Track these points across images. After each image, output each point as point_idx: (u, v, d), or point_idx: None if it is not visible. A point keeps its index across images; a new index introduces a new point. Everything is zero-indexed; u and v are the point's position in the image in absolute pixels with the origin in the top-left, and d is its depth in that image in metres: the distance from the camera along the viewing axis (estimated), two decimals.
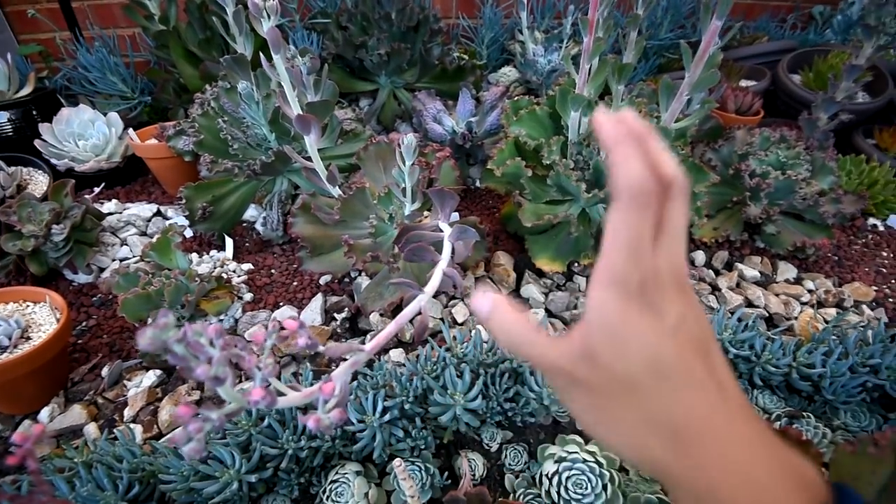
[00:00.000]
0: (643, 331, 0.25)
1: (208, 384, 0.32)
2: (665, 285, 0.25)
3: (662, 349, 0.25)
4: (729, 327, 0.85)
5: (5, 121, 1.31)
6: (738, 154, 1.16)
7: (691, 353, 0.25)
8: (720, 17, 0.73)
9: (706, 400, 0.25)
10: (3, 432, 0.81)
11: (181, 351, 0.30)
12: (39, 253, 0.97)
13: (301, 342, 0.39)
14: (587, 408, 0.28)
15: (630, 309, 0.25)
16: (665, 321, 0.25)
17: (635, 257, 0.24)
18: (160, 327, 0.29)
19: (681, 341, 0.25)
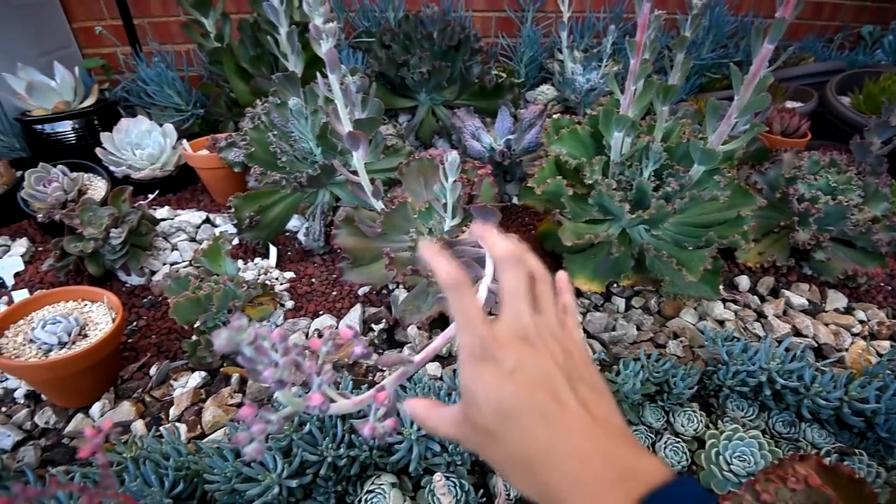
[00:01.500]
0: (486, 380, 0.30)
1: (273, 387, 0.34)
2: (502, 341, 0.31)
3: (503, 391, 0.30)
4: (776, 357, 0.82)
5: (69, 129, 1.40)
6: (786, 177, 1.13)
7: (534, 390, 0.30)
8: (772, 41, 0.73)
9: (552, 429, 0.29)
10: (58, 425, 0.85)
11: (251, 353, 0.32)
12: (97, 255, 1.03)
13: (357, 351, 0.40)
14: (487, 459, 0.33)
15: (476, 367, 0.31)
16: (503, 366, 0.30)
17: (469, 329, 0.31)
18: (235, 329, 0.31)
19: (519, 381, 0.30)
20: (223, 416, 0.81)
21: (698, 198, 0.84)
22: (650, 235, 0.94)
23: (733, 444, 0.75)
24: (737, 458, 0.74)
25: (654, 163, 0.88)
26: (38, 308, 0.89)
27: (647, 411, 0.81)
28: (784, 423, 0.83)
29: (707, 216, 0.94)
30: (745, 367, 0.82)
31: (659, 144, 0.87)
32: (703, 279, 0.88)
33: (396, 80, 1.53)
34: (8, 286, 1.08)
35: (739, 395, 0.85)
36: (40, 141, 1.39)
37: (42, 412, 0.85)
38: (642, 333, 0.95)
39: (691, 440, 0.80)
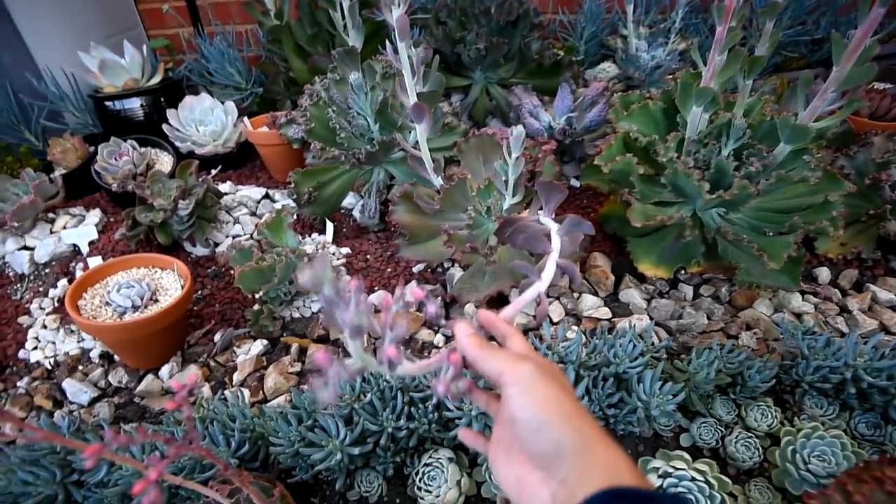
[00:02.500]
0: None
1: (349, 335, 0.33)
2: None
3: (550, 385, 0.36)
4: (864, 353, 0.76)
5: (138, 106, 1.46)
6: (877, 162, 1.03)
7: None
8: (885, 4, 0.65)
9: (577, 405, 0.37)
10: (129, 384, 0.90)
11: (331, 294, 0.31)
12: (166, 225, 1.07)
13: (431, 310, 0.39)
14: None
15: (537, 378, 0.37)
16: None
17: (514, 362, 0.37)
18: (321, 266, 0.30)
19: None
20: (284, 383, 0.83)
21: (785, 178, 0.77)
22: (726, 219, 0.88)
23: (812, 443, 0.70)
24: (815, 457, 0.69)
25: (735, 140, 0.82)
26: (112, 273, 0.93)
27: (717, 403, 0.77)
28: (868, 425, 0.76)
29: (790, 201, 0.87)
30: (827, 363, 0.76)
31: (742, 120, 0.81)
32: (783, 268, 0.82)
33: (451, 57, 1.50)
34: (83, 253, 1.14)
35: (819, 393, 0.79)
36: (111, 117, 1.45)
37: (115, 372, 0.90)
38: (712, 323, 0.90)
39: (764, 436, 0.75)
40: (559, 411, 0.34)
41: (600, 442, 0.34)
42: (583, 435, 0.34)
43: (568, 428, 0.34)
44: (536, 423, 0.34)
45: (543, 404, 0.35)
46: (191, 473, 0.66)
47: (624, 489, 0.31)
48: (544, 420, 0.34)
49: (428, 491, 0.67)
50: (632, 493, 0.31)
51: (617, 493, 0.31)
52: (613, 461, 0.33)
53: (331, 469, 0.67)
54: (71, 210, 1.27)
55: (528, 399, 0.35)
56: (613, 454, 0.34)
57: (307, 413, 0.70)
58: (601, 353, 0.74)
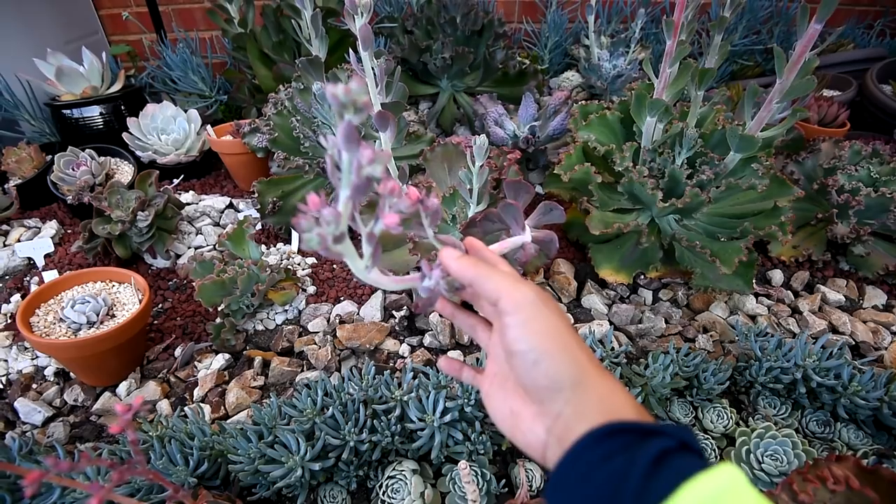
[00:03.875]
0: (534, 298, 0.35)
1: (350, 191, 0.27)
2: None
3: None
4: (813, 354, 0.79)
5: (97, 114, 1.42)
6: (824, 168, 1.08)
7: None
8: (821, 21, 0.69)
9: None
10: (86, 402, 0.87)
11: (355, 120, 0.25)
12: (124, 237, 1.04)
13: (433, 202, 0.35)
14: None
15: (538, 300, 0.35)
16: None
17: (514, 280, 0.35)
18: (359, 85, 0.25)
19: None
20: (246, 398, 0.81)
21: (735, 186, 0.80)
22: (681, 226, 0.91)
23: (765, 443, 0.72)
24: (769, 456, 0.71)
25: (687, 150, 0.85)
26: (67, 288, 0.90)
27: (675, 406, 0.79)
28: (818, 423, 0.80)
29: (741, 206, 0.90)
30: (779, 364, 0.79)
31: (693, 130, 0.84)
32: (736, 272, 0.85)
33: (418, 66, 1.51)
34: (38, 266, 1.10)
35: (772, 393, 0.82)
36: (69, 126, 1.41)
37: (71, 390, 0.87)
38: (670, 327, 0.92)
39: (720, 437, 0.78)
40: (559, 343, 0.32)
41: (598, 375, 0.32)
42: (581, 368, 0.32)
43: (567, 360, 0.32)
44: (535, 356, 0.32)
45: (543, 336, 0.32)
46: (148, 494, 0.64)
47: (624, 423, 0.29)
48: (543, 352, 0.32)
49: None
50: (632, 427, 0.29)
51: (617, 428, 0.29)
52: (611, 394, 0.32)
53: (292, 486, 0.66)
54: (26, 222, 1.23)
55: (528, 330, 0.32)
56: (611, 386, 0.32)
57: (268, 429, 0.69)
58: None
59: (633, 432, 0.29)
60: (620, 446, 0.28)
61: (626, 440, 0.28)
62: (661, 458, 0.27)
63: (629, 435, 0.29)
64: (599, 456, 0.28)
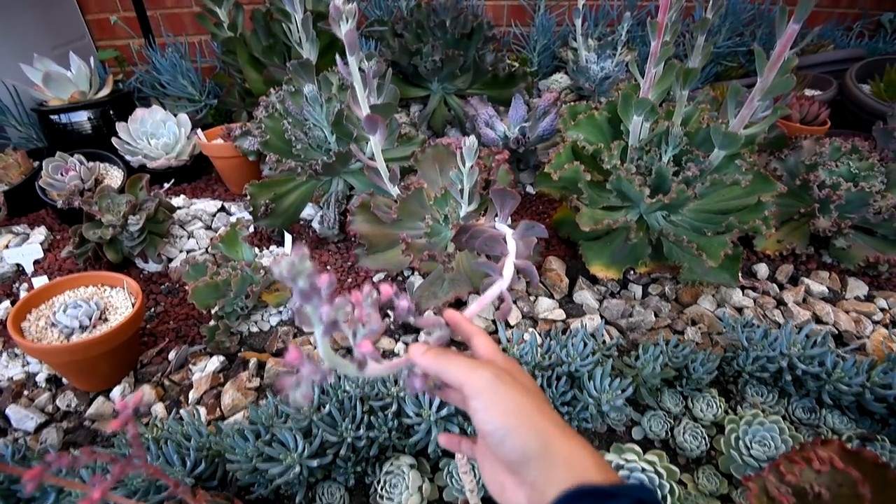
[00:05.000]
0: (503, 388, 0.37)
1: (322, 331, 0.31)
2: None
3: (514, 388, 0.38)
4: (797, 343, 0.81)
5: (85, 119, 1.41)
6: (806, 164, 1.11)
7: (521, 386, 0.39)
8: (798, 21, 0.71)
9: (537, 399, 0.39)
10: (79, 408, 0.86)
11: (306, 286, 0.29)
12: (116, 241, 1.04)
13: (403, 304, 0.39)
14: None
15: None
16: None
17: (472, 369, 0.38)
18: (299, 257, 0.29)
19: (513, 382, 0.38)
20: (242, 400, 0.81)
21: (720, 182, 0.82)
22: (668, 222, 0.93)
23: (753, 429, 0.74)
24: (757, 442, 0.73)
25: (673, 147, 0.87)
26: (59, 293, 0.90)
27: (665, 396, 0.80)
28: (804, 409, 0.82)
29: (726, 202, 0.93)
30: (765, 353, 0.81)
31: (679, 129, 0.86)
32: (722, 265, 0.87)
33: (409, 69, 1.53)
34: (28, 273, 1.09)
35: (759, 381, 0.84)
36: (56, 131, 1.40)
37: (63, 396, 0.86)
38: (660, 320, 0.94)
39: (710, 425, 0.79)
40: (521, 418, 0.35)
41: (562, 439, 0.35)
42: (544, 437, 0.34)
43: (530, 433, 0.34)
44: (501, 434, 0.35)
45: (505, 415, 0.35)
46: (145, 496, 0.64)
47: (585, 488, 0.32)
48: (508, 430, 0.35)
49: (390, 499, 0.67)
50: (593, 490, 0.32)
51: (579, 493, 0.32)
52: (574, 457, 0.34)
53: (290, 483, 0.66)
54: (14, 228, 1.21)
55: (491, 412, 0.35)
56: (574, 449, 0.35)
57: (265, 428, 0.69)
58: (555, 354, 0.76)
59: (594, 496, 0.32)
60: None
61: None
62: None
63: (590, 499, 0.32)
64: None
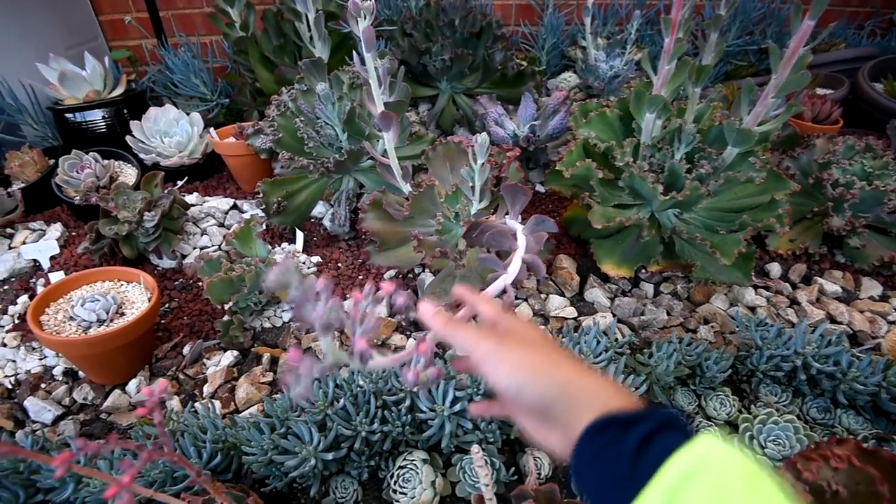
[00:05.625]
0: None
1: (319, 331, 0.34)
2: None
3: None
4: (812, 342, 0.81)
5: (100, 118, 1.43)
6: (819, 163, 1.10)
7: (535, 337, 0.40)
8: (813, 17, 0.71)
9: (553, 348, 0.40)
10: (95, 400, 0.87)
11: (298, 294, 0.32)
12: (131, 237, 1.05)
13: (400, 301, 0.41)
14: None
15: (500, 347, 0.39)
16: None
17: (478, 341, 0.38)
18: (285, 268, 0.31)
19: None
20: (256, 394, 0.82)
21: (733, 179, 0.82)
22: (681, 219, 0.93)
23: (768, 428, 0.74)
24: (772, 441, 0.73)
25: (686, 145, 0.87)
26: (76, 287, 0.91)
27: (678, 395, 0.80)
28: (819, 409, 0.81)
29: (739, 201, 0.92)
30: (779, 352, 0.81)
31: (692, 126, 0.86)
32: (735, 264, 0.86)
33: (418, 68, 1.53)
34: (44, 268, 1.11)
35: (773, 381, 0.83)
36: (71, 130, 1.42)
37: (80, 388, 0.88)
38: (672, 318, 0.94)
39: (724, 424, 0.79)
40: (529, 371, 0.36)
41: (579, 378, 0.36)
42: (559, 380, 0.35)
43: (544, 381, 0.35)
44: (515, 389, 0.36)
45: (513, 371, 0.36)
46: (162, 486, 0.65)
47: (607, 418, 0.33)
48: (520, 384, 0.36)
49: (403, 493, 0.68)
50: (615, 419, 0.32)
51: (604, 423, 0.33)
52: (594, 391, 0.35)
53: (305, 476, 0.67)
54: (30, 224, 1.23)
55: (500, 371, 0.36)
56: (593, 384, 0.35)
57: (280, 421, 0.70)
58: (568, 350, 0.76)
59: (619, 423, 0.32)
60: (610, 439, 0.32)
61: (614, 433, 0.32)
62: (645, 442, 0.30)
63: (615, 427, 0.32)
64: (595, 451, 0.33)
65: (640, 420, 0.32)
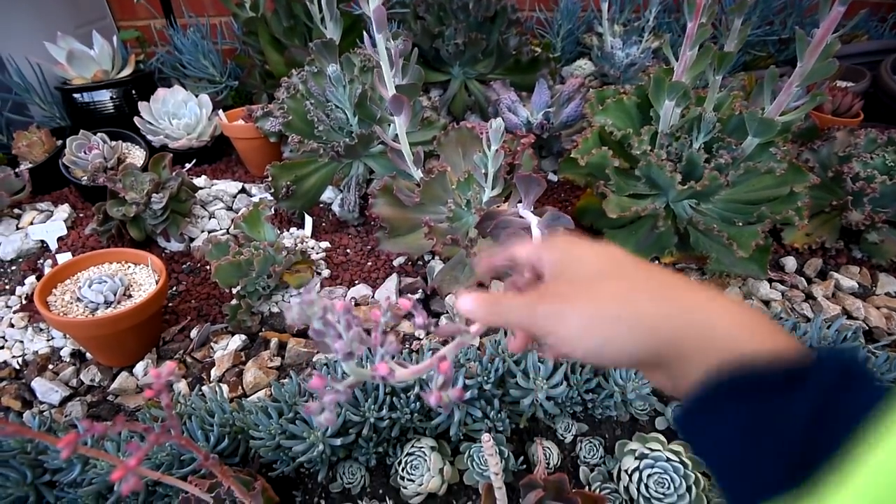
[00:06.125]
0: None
1: (342, 358, 0.33)
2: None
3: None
4: (828, 337, 0.79)
5: (108, 99, 1.42)
6: (839, 156, 1.08)
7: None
8: (844, 3, 0.68)
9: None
10: (102, 382, 0.87)
11: (320, 327, 0.32)
12: (139, 219, 1.04)
13: (419, 321, 0.39)
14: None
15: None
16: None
17: (526, 312, 0.32)
18: (307, 303, 0.31)
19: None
20: (264, 378, 0.82)
21: (753, 170, 0.80)
22: (697, 210, 0.91)
23: None
24: None
25: (705, 134, 0.85)
26: (83, 269, 0.91)
27: None
28: None
29: (757, 192, 0.90)
30: None
31: (712, 114, 0.84)
32: (752, 257, 0.85)
33: (430, 52, 1.51)
34: (52, 249, 1.11)
35: None
36: (79, 110, 1.41)
37: (87, 370, 0.88)
38: None
39: None
40: (608, 322, 0.28)
41: (682, 313, 0.26)
42: (651, 324, 0.27)
43: (629, 332, 0.27)
44: (595, 354, 0.29)
45: (583, 332, 0.28)
46: (169, 469, 0.65)
47: (748, 372, 0.23)
48: (600, 344, 0.28)
49: (411, 480, 0.67)
50: (762, 376, 0.23)
51: (739, 381, 0.23)
52: (717, 326, 0.25)
53: (313, 461, 0.66)
54: (38, 205, 1.23)
55: (568, 344, 0.29)
56: (711, 316, 0.26)
57: (288, 406, 0.69)
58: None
59: (770, 382, 0.22)
60: (758, 406, 0.22)
61: (765, 396, 0.22)
62: (822, 411, 0.21)
63: (767, 388, 0.22)
64: (735, 421, 0.23)
65: (805, 375, 0.22)
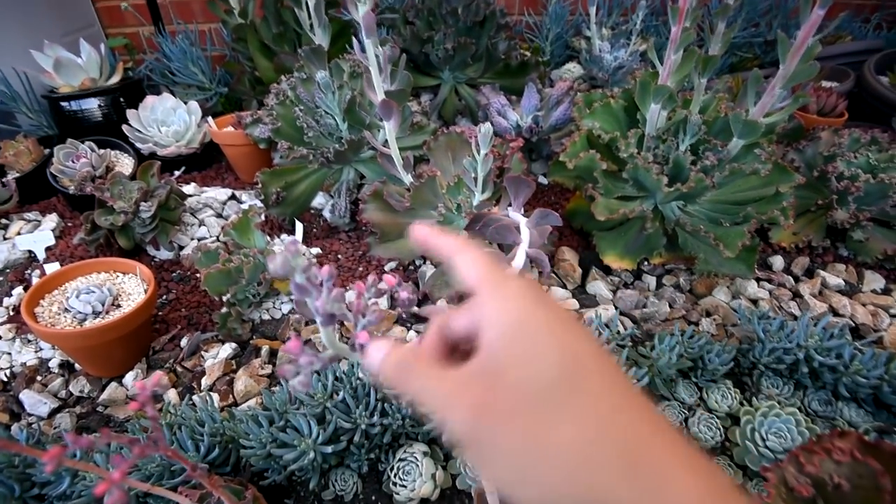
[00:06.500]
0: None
1: (320, 321, 0.32)
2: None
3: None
4: (814, 334, 0.80)
5: (95, 107, 1.41)
6: (824, 155, 1.09)
7: None
8: (823, 7, 0.70)
9: None
10: (91, 393, 0.87)
11: (302, 281, 0.31)
12: (127, 228, 1.04)
13: (404, 295, 0.39)
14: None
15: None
16: None
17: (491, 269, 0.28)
18: (292, 252, 0.30)
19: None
20: (255, 386, 0.81)
21: (738, 171, 0.81)
22: (685, 212, 0.92)
23: (769, 421, 0.73)
24: (773, 434, 0.72)
25: (691, 136, 0.86)
26: (71, 279, 0.90)
27: (680, 387, 0.80)
28: (820, 402, 0.81)
29: (744, 193, 0.91)
30: (781, 345, 0.80)
31: (697, 117, 0.85)
32: (738, 256, 0.86)
33: (420, 57, 1.51)
34: (40, 259, 1.10)
35: (774, 373, 0.83)
36: (67, 118, 1.40)
37: (76, 381, 0.87)
38: (674, 311, 0.93)
39: (725, 417, 0.79)
40: (528, 469, 0.23)
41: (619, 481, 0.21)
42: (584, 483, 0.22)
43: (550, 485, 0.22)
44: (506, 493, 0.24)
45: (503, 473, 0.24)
46: (159, 480, 0.64)
47: None
48: (512, 485, 0.24)
49: (403, 486, 0.67)
50: None
51: None
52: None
53: (304, 469, 0.66)
54: (25, 215, 1.22)
55: (509, 489, 0.24)
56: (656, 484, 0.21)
57: (279, 414, 0.69)
58: None
59: None
60: None
61: None
62: None
63: None
64: None
65: None
